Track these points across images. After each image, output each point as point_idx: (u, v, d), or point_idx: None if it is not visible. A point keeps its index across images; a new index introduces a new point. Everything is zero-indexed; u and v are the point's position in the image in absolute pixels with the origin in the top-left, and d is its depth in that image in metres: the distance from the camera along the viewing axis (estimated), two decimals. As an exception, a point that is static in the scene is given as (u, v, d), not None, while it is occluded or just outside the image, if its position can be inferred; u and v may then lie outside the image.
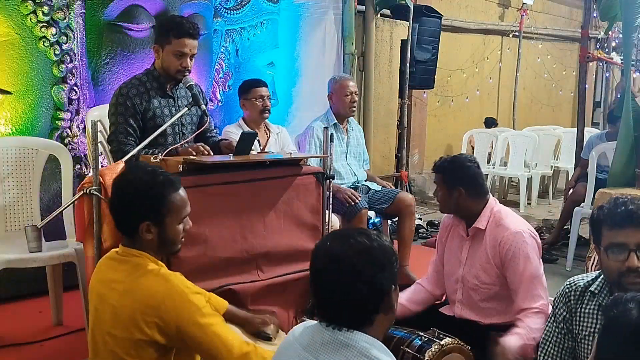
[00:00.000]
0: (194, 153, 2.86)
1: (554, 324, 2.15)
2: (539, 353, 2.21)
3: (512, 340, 2.36)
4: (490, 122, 8.36)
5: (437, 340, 2.29)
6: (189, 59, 3.15)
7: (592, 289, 2.07)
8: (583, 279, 2.12)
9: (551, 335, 2.16)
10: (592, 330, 2.05)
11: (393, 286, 1.59)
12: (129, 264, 1.97)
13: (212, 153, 2.99)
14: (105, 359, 1.96)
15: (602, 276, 2.07)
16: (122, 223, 2.02)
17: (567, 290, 2.13)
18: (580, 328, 2.08)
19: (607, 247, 1.94)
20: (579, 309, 2.08)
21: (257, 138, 3.11)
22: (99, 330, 1.98)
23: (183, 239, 2.06)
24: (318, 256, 1.60)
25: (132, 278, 1.93)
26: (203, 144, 3.02)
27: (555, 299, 2.17)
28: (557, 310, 2.14)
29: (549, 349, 2.16)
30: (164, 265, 2.04)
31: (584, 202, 5.05)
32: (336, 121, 4.35)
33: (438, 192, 2.70)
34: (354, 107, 4.40)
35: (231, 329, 2.01)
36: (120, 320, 1.90)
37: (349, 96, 4.33)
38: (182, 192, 2.02)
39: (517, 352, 2.32)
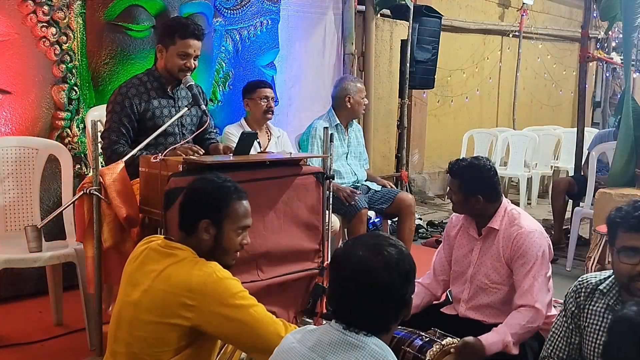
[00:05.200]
0: (184, 155, 2.84)
1: (564, 319, 2.17)
2: (545, 345, 2.22)
3: (488, 338, 2.36)
4: None
5: (438, 340, 2.28)
6: (192, 60, 3.17)
7: (601, 287, 2.08)
8: (595, 277, 2.13)
9: (560, 329, 2.18)
10: (597, 327, 2.06)
11: (412, 297, 1.62)
12: (172, 256, 2.00)
13: (200, 153, 2.97)
14: (132, 345, 1.96)
15: (612, 276, 2.08)
16: (184, 218, 2.07)
17: (578, 286, 2.15)
18: (587, 324, 2.09)
19: (620, 250, 1.95)
20: (587, 306, 2.10)
21: (258, 140, 3.10)
22: (126, 315, 1.99)
23: (237, 254, 2.10)
24: (347, 263, 1.59)
25: (168, 263, 1.97)
26: (196, 146, 3.02)
27: (566, 294, 2.19)
28: (567, 305, 2.16)
29: (557, 342, 2.18)
30: None
31: (567, 193, 5.09)
32: (339, 122, 4.36)
33: (452, 195, 2.65)
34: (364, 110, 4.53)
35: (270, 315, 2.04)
36: (154, 304, 1.92)
37: (364, 99, 4.40)
38: (245, 203, 2.09)
39: (486, 352, 2.32)
